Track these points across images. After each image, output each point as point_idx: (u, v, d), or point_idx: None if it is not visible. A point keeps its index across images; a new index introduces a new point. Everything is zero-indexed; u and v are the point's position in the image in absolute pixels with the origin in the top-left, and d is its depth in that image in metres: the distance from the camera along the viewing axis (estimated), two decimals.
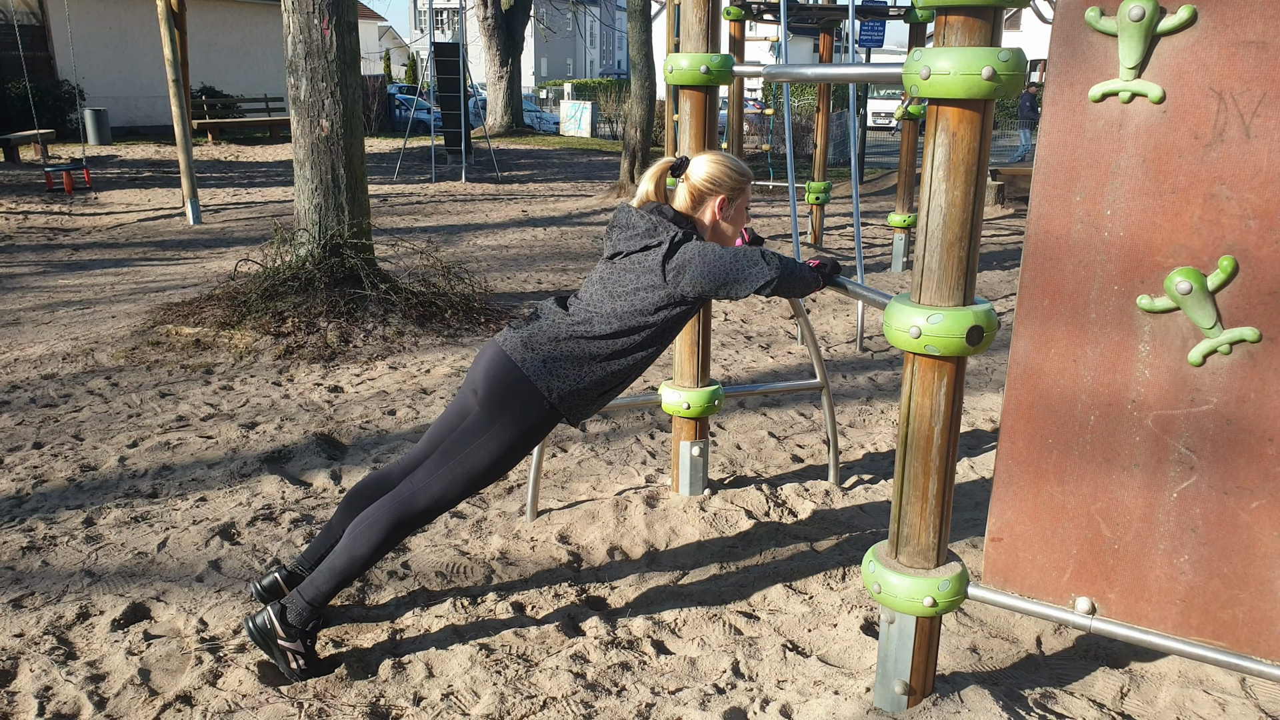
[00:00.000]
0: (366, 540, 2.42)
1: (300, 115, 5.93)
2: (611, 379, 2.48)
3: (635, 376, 2.53)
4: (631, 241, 2.46)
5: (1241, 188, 1.74)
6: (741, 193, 2.55)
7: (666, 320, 2.44)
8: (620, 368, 2.46)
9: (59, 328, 5.96)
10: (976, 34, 1.85)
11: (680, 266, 2.38)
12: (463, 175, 14.30)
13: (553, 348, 2.42)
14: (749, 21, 8.67)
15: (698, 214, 2.53)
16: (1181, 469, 1.89)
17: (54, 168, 11.99)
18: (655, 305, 2.41)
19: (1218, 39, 1.70)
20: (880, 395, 4.95)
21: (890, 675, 2.22)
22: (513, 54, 21.83)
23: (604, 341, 2.43)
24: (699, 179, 2.50)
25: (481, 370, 2.46)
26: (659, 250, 2.41)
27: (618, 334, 2.43)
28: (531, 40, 38.96)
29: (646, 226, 2.44)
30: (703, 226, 2.54)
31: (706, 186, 2.50)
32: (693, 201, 2.52)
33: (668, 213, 2.48)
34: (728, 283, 2.38)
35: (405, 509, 2.43)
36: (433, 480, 2.43)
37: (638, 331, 2.43)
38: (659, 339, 2.48)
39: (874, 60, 16.35)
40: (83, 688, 2.37)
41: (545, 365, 2.41)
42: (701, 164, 2.52)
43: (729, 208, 2.53)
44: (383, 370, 5.12)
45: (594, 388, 2.46)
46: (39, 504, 3.45)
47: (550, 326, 2.45)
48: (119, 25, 19.05)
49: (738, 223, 2.58)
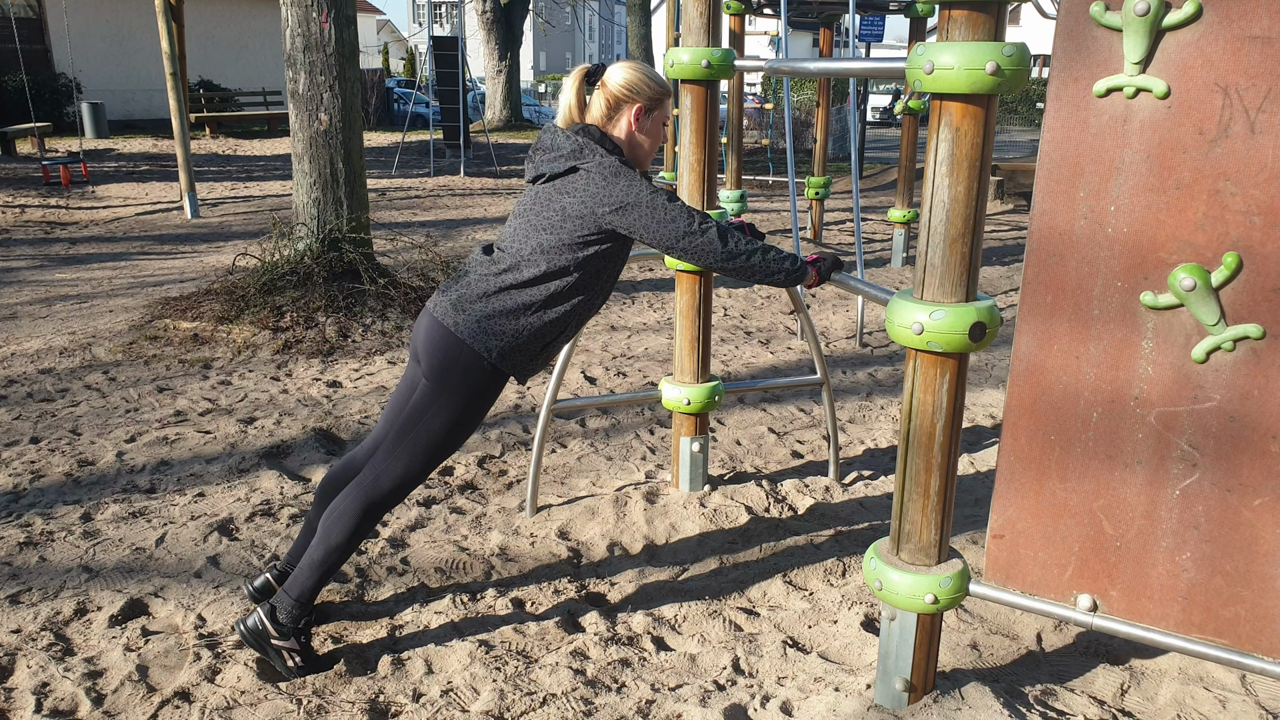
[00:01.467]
0: (340, 530, 2.39)
1: (299, 109, 5.90)
2: (550, 329, 2.36)
3: (577, 325, 2.42)
4: (556, 163, 2.33)
5: (1246, 184, 1.73)
6: (659, 104, 2.43)
7: (598, 256, 2.33)
8: (557, 315, 2.34)
9: (56, 322, 5.94)
10: (980, 28, 1.84)
11: (623, 205, 2.26)
12: (461, 169, 14.27)
13: (484, 305, 2.31)
14: (749, 16, 8.65)
15: (612, 125, 2.40)
16: (1184, 466, 1.89)
17: (51, 161, 11.96)
18: (585, 236, 2.29)
19: (1223, 34, 1.69)
20: (880, 391, 4.94)
21: (891, 672, 2.22)
22: (511, 48, 21.78)
23: (535, 288, 2.31)
24: (615, 85, 2.38)
25: (420, 340, 2.37)
26: (590, 175, 2.28)
27: (548, 275, 2.30)
28: (530, 34, 38.90)
29: (572, 147, 2.31)
30: (619, 141, 2.40)
31: (623, 93, 2.38)
32: (608, 109, 2.38)
33: (594, 133, 2.35)
34: (673, 248, 2.28)
35: (371, 493, 2.40)
36: (393, 461, 2.39)
37: (569, 272, 2.31)
38: (593, 280, 2.36)
39: (874, 55, 16.32)
40: (80, 684, 2.36)
41: (479, 325, 2.30)
42: (618, 70, 2.40)
43: (645, 119, 2.41)
44: (381, 365, 5.11)
45: (533, 340, 2.35)
46: (36, 499, 3.44)
47: (479, 281, 2.34)
48: (116, 18, 18.99)
49: (654, 136, 2.46)
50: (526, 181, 2.43)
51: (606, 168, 2.29)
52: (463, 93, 14.59)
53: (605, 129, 2.41)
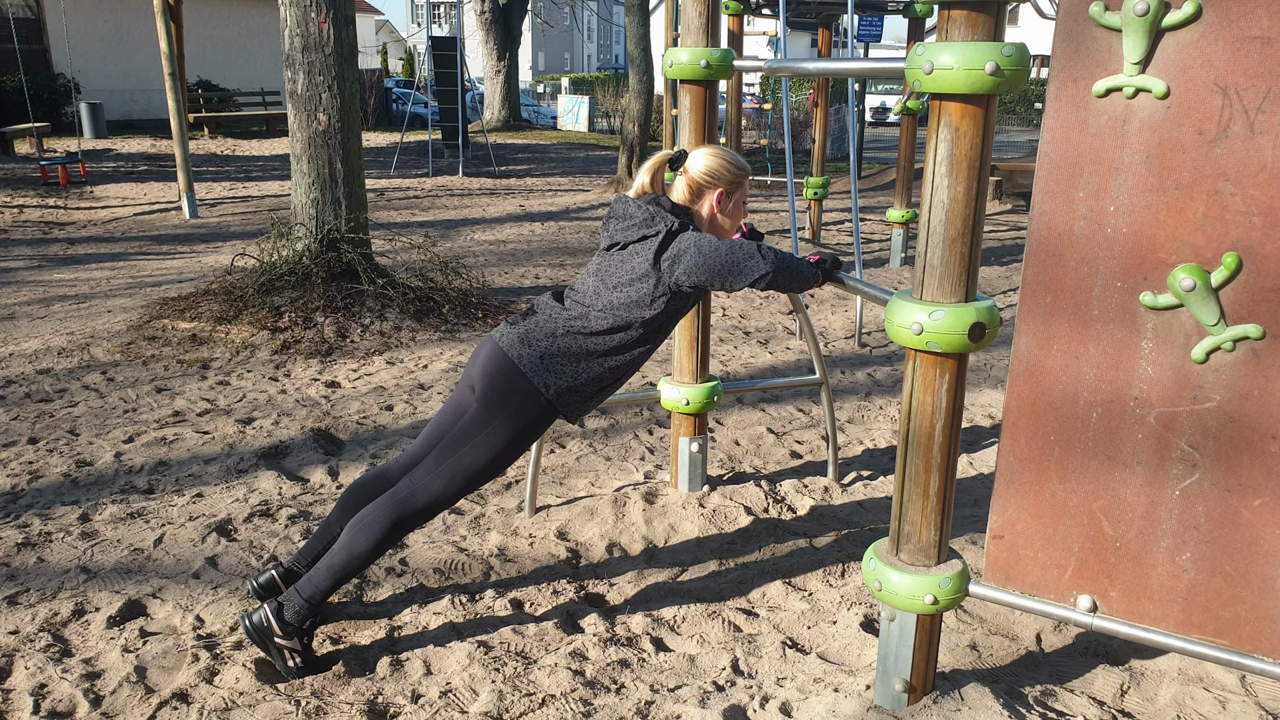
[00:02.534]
0: (366, 538, 2.41)
1: (297, 109, 5.90)
2: (609, 375, 2.47)
3: (632, 373, 2.53)
4: (629, 232, 2.45)
5: (1246, 184, 1.72)
6: (739, 187, 2.55)
7: (662, 313, 2.43)
8: (617, 364, 2.46)
9: (54, 322, 5.93)
10: (980, 29, 1.84)
11: (676, 256, 2.38)
12: (460, 170, 14.26)
13: (549, 344, 2.41)
14: (747, 16, 8.64)
15: (695, 207, 2.53)
16: (1184, 466, 1.89)
17: (49, 161, 11.95)
18: (650, 296, 2.40)
19: (1222, 34, 1.69)
20: (879, 391, 4.94)
21: (890, 673, 2.22)
22: (510, 48, 21.77)
23: (600, 337, 2.42)
24: (697, 172, 2.50)
25: (479, 367, 2.45)
26: (656, 240, 2.40)
27: (614, 329, 2.42)
28: (529, 34, 38.88)
29: (644, 216, 2.44)
30: (700, 219, 2.54)
31: (705, 179, 2.50)
32: (691, 195, 2.52)
33: (665, 204, 2.48)
34: (722, 274, 2.38)
35: (405, 507, 2.43)
36: (432, 478, 2.43)
37: (633, 326, 2.42)
38: (655, 334, 2.47)
39: (872, 55, 16.32)
40: (78, 685, 2.36)
41: (542, 361, 2.40)
42: (700, 157, 2.51)
43: (727, 201, 2.53)
44: (380, 365, 5.10)
45: (591, 384, 2.46)
46: (34, 500, 3.44)
47: (547, 322, 2.45)
48: (115, 18, 18.97)
49: (735, 217, 2.58)
50: (602, 248, 2.54)
51: (668, 227, 2.42)
52: (461, 93, 14.59)
53: (686, 207, 2.53)
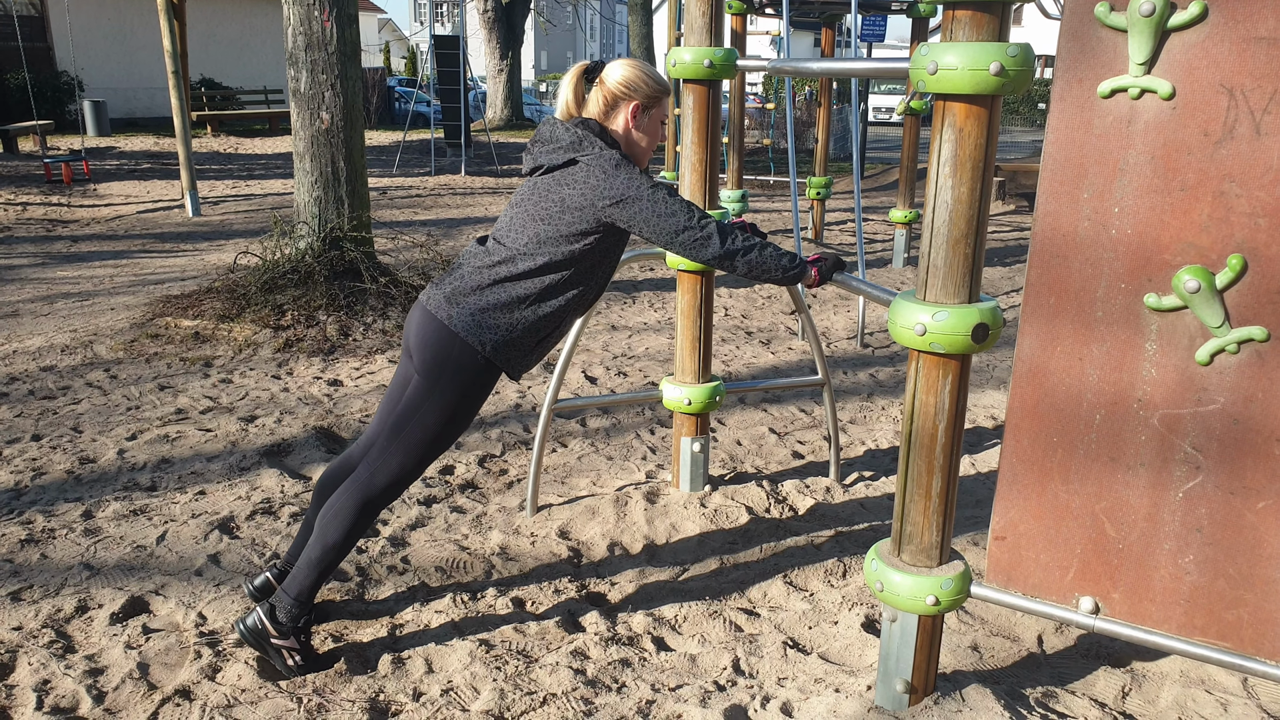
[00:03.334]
0: (336, 527, 2.39)
1: (300, 108, 5.90)
2: (544, 324, 2.36)
3: (571, 319, 2.42)
4: (555, 155, 2.33)
5: (1251, 185, 1.72)
6: (657, 103, 2.44)
7: (594, 249, 2.33)
8: (552, 309, 2.34)
9: (57, 319, 5.94)
10: (984, 29, 1.84)
11: (622, 198, 2.26)
12: (462, 168, 14.26)
13: (478, 298, 2.31)
14: (750, 15, 8.64)
15: (610, 121, 2.41)
16: (1187, 468, 1.88)
17: (53, 159, 11.96)
18: (582, 229, 2.29)
19: (1228, 35, 1.68)
20: (881, 392, 4.94)
21: (892, 673, 2.22)
22: (513, 47, 21.77)
23: (530, 280, 2.31)
24: (613, 82, 2.39)
25: (413, 334, 2.36)
26: (590, 168, 2.28)
27: (544, 268, 2.31)
28: (531, 33, 38.88)
29: (571, 139, 2.32)
30: (616, 136, 2.42)
31: (620, 90, 2.39)
32: (605, 106, 2.41)
33: (594, 127, 2.36)
34: (670, 242, 2.29)
35: (368, 489, 2.39)
36: (388, 457, 2.38)
37: (564, 265, 2.31)
38: (587, 273, 2.36)
39: (875, 55, 16.31)
40: (81, 681, 2.36)
41: (473, 318, 2.30)
42: (617, 67, 2.41)
43: (643, 116, 2.42)
44: (382, 364, 5.11)
45: (528, 335, 2.35)
46: (37, 496, 3.44)
47: (473, 274, 2.34)
48: (118, 16, 18.99)
49: (652, 135, 2.46)
50: (524, 173, 2.43)
51: (607, 160, 2.29)
52: (464, 92, 14.59)
53: (604, 125, 2.41)
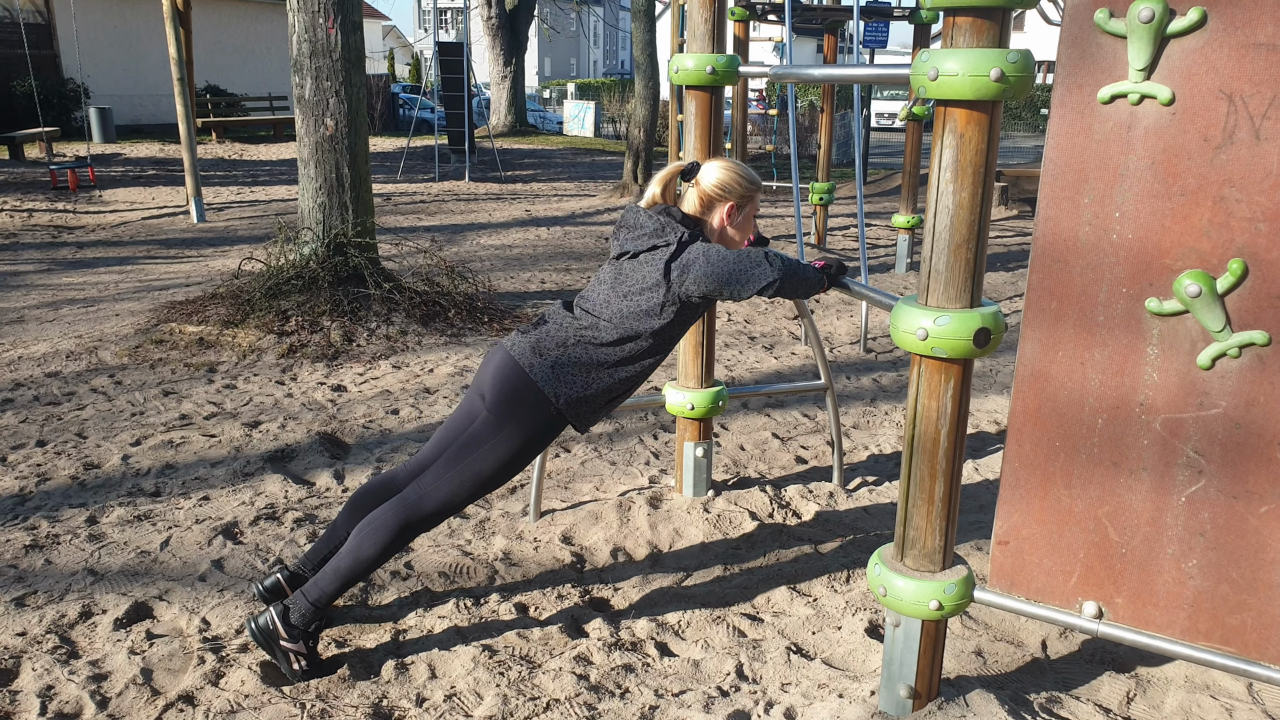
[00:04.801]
0: (373, 543, 2.42)
1: (305, 114, 5.92)
2: (618, 386, 2.49)
3: (640, 383, 2.55)
4: (639, 241, 2.47)
5: (1251, 190, 1.72)
6: (750, 201, 2.57)
7: (671, 323, 2.45)
8: (627, 375, 2.48)
9: (63, 325, 5.96)
10: (985, 35, 1.84)
11: (685, 265, 2.39)
12: (466, 175, 14.29)
13: (560, 353, 2.43)
14: (753, 22, 8.66)
15: (706, 218, 2.55)
16: (1190, 473, 1.88)
17: (59, 165, 12.01)
18: (660, 305, 2.42)
19: (1227, 41, 1.69)
20: (884, 397, 4.93)
21: (895, 679, 2.21)
22: (516, 53, 21.82)
23: (611, 348, 2.44)
24: (709, 185, 2.52)
25: (489, 375, 2.47)
26: (666, 250, 2.42)
27: (624, 339, 2.43)
28: (535, 40, 38.95)
29: (655, 226, 2.46)
30: (710, 231, 2.55)
31: (716, 193, 2.52)
32: (702, 207, 2.54)
33: (676, 214, 2.50)
34: (731, 283, 2.39)
35: (412, 512, 2.44)
36: (440, 484, 2.44)
37: (643, 336, 2.44)
38: (664, 344, 2.49)
39: (877, 61, 16.32)
40: (85, 687, 2.37)
41: (553, 371, 2.41)
42: (713, 170, 2.53)
43: (737, 215, 2.55)
44: (386, 369, 5.12)
45: (601, 395, 2.47)
46: (42, 502, 3.45)
47: (558, 331, 2.46)
48: (124, 23, 19.07)
49: (745, 230, 2.60)
50: (611, 257, 2.56)
51: (678, 237, 2.43)
52: (468, 98, 14.63)
53: (700, 219, 2.55)
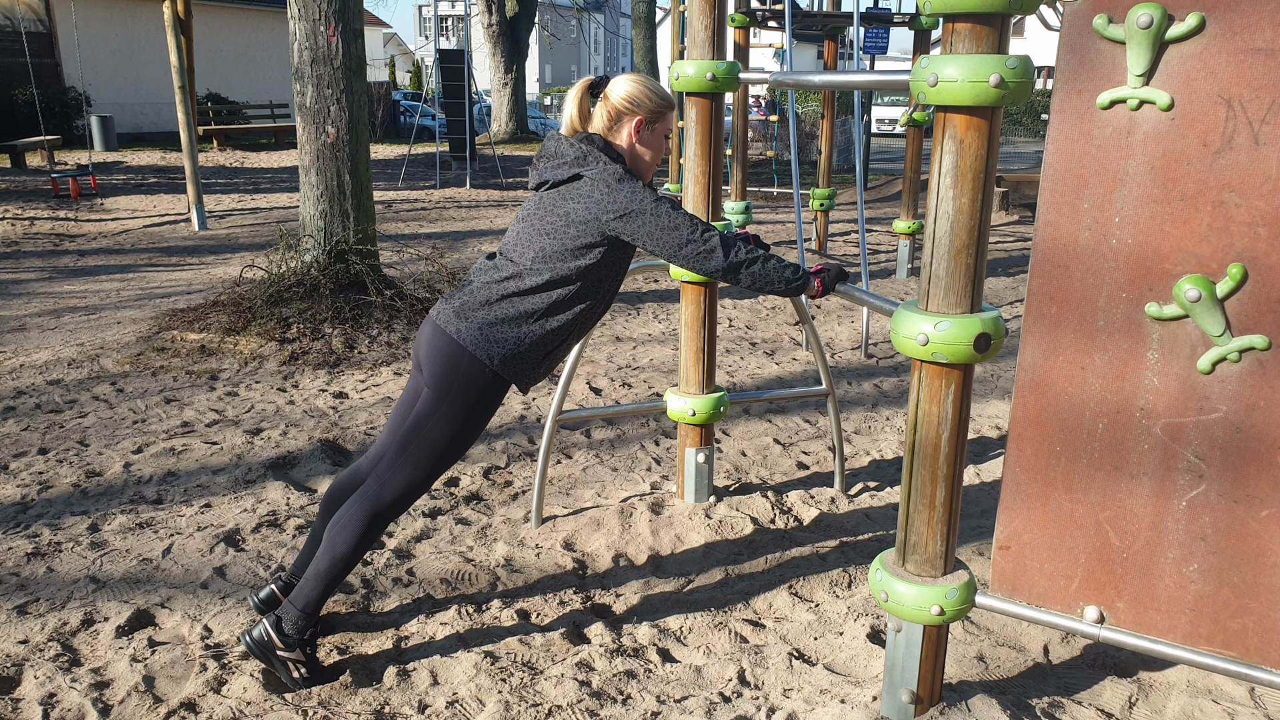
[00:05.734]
0: (344, 539, 2.40)
1: (306, 121, 5.94)
2: (552, 337, 2.38)
3: (578, 334, 2.45)
4: (559, 170, 2.37)
5: (1250, 195, 1.73)
6: (661, 118, 2.47)
7: (599, 263, 2.35)
8: (559, 323, 2.37)
9: (64, 333, 5.97)
10: (984, 41, 1.85)
11: (626, 212, 2.29)
12: (467, 181, 14.31)
13: (486, 313, 2.34)
14: (753, 28, 8.68)
15: (614, 136, 2.44)
16: (1191, 477, 1.88)
17: (60, 174, 12.03)
18: (588, 242, 2.32)
19: (1226, 46, 1.69)
20: (886, 402, 4.94)
21: (897, 684, 2.21)
22: (517, 60, 21.87)
23: (537, 295, 2.34)
24: (617, 98, 2.42)
25: (423, 348, 2.40)
26: (594, 182, 2.32)
27: (550, 283, 2.33)
28: (536, 47, 39.06)
29: (576, 154, 2.36)
30: (620, 151, 2.45)
31: (624, 105, 2.42)
32: (609, 121, 2.44)
33: (598, 141, 2.39)
34: (674, 255, 2.32)
35: (376, 502, 2.41)
36: (397, 470, 2.40)
37: (571, 280, 2.34)
38: (594, 287, 2.39)
39: (878, 67, 16.35)
40: (87, 695, 2.37)
41: (481, 332, 2.33)
42: (621, 83, 2.45)
43: (646, 130, 2.45)
44: (387, 376, 5.12)
45: (535, 348, 2.38)
46: (44, 510, 3.45)
47: (481, 289, 2.37)
48: (125, 32, 19.13)
49: (655, 149, 2.49)
50: (530, 188, 2.46)
51: (610, 174, 2.32)
52: (469, 105, 14.66)
53: (608, 139, 2.44)
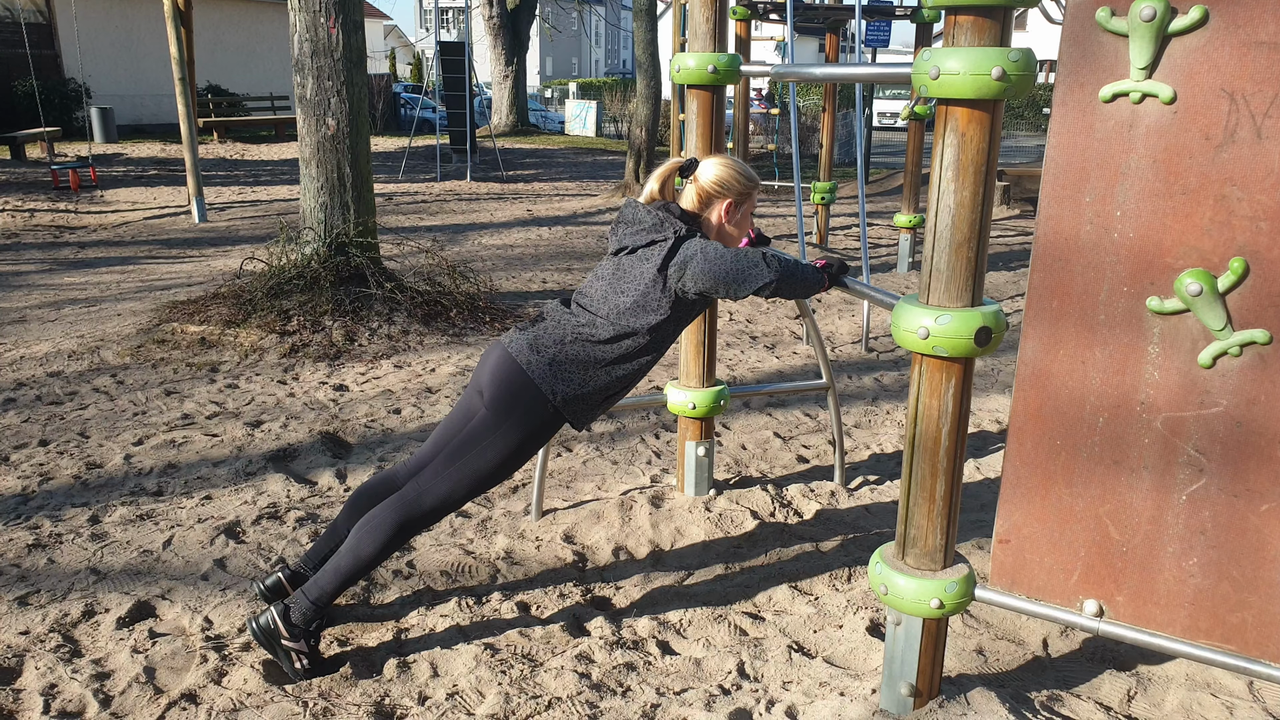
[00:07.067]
0: (372, 541, 2.42)
1: (306, 114, 5.93)
2: (616, 384, 2.49)
3: (638, 380, 2.55)
4: (638, 236, 2.48)
5: (1253, 189, 1.73)
6: (748, 198, 2.57)
7: (667, 320, 2.45)
8: (625, 372, 2.48)
9: (65, 325, 5.97)
10: (986, 34, 1.84)
11: (683, 262, 2.40)
12: (468, 174, 14.30)
13: (558, 350, 2.43)
14: (755, 21, 8.66)
15: (704, 215, 2.55)
16: (1191, 471, 1.88)
17: (60, 165, 12.02)
18: (657, 302, 2.42)
19: (1229, 39, 1.69)
20: (886, 396, 4.94)
21: (896, 677, 2.22)
22: (518, 53, 21.83)
23: (608, 345, 2.44)
24: (708, 181, 2.52)
25: (488, 372, 2.47)
26: (664, 245, 2.42)
27: (621, 335, 2.44)
28: (537, 39, 38.96)
29: (653, 222, 2.46)
30: (708, 227, 2.56)
31: (715, 189, 2.52)
32: (700, 203, 2.55)
33: (674, 210, 2.50)
34: (727, 282, 2.40)
35: (411, 510, 2.44)
36: (439, 482, 2.44)
37: (640, 333, 2.44)
38: (660, 342, 2.49)
39: (879, 60, 16.32)
40: (88, 685, 2.37)
41: (551, 368, 2.42)
42: (711, 166, 2.54)
43: (735, 212, 2.55)
44: (388, 369, 5.12)
45: (598, 392, 2.48)
46: (45, 501, 3.46)
47: (555, 328, 2.46)
48: (125, 23, 19.08)
49: (743, 227, 2.60)
50: (609, 252, 2.56)
51: (677, 233, 2.44)
52: (469, 98, 14.63)
53: (695, 215, 2.55)
